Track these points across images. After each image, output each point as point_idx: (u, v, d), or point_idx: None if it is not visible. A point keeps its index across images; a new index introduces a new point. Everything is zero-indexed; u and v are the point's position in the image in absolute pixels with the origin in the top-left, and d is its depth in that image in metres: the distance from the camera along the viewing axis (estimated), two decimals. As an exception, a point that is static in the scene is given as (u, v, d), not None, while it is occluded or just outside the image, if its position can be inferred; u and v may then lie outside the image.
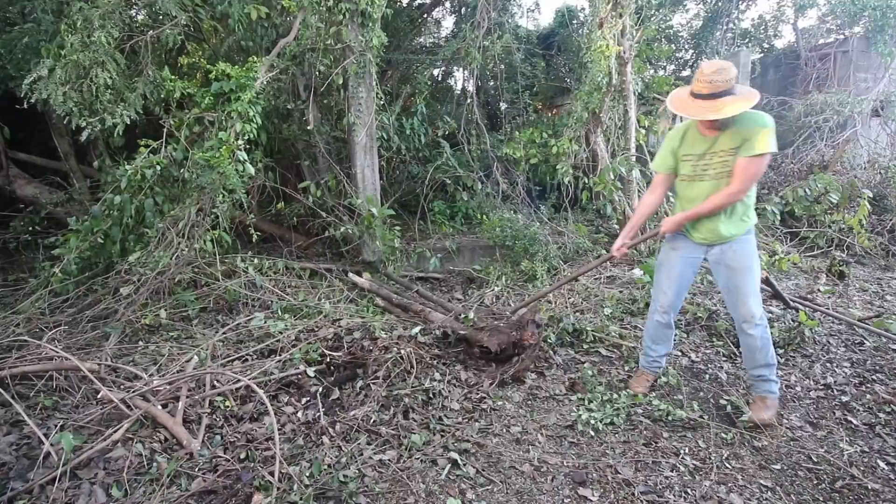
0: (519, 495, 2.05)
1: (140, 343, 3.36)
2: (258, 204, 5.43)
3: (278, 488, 1.99)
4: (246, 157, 3.93)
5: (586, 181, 6.03)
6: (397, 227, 5.19)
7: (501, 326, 3.16)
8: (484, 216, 6.18)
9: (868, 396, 2.79)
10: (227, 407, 2.58)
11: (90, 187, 5.32)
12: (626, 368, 3.15)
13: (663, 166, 2.66)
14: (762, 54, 9.69)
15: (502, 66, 7.83)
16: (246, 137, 4.06)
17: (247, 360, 3.05)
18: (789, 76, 8.94)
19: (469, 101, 7.06)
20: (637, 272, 4.61)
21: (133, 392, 2.59)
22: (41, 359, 2.86)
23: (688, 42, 10.29)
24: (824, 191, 5.76)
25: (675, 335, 3.15)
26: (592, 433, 2.48)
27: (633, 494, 2.03)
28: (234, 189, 3.84)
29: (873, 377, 2.99)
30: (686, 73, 10.46)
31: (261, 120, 4.30)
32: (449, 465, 2.22)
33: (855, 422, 2.58)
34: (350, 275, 4.59)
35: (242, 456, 2.24)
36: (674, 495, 2.03)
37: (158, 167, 3.91)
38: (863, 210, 5.40)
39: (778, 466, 2.22)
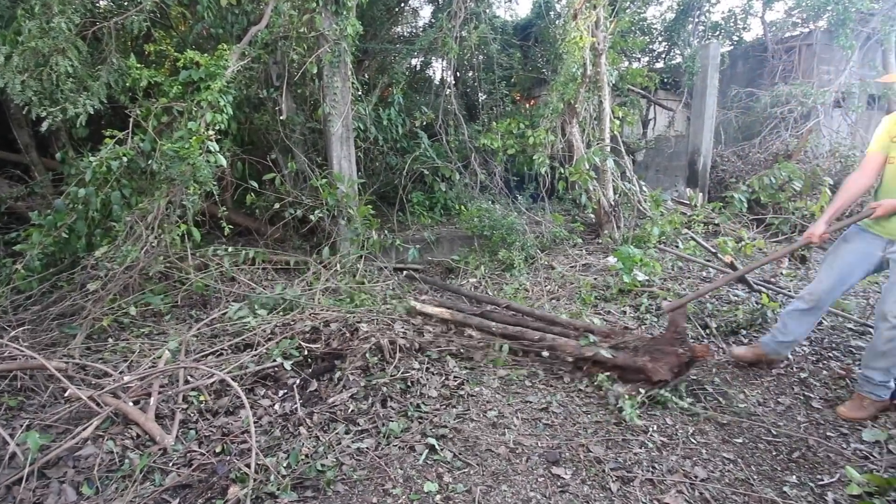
0: (494, 476, 2.10)
1: (109, 340, 3.27)
2: (232, 196, 5.33)
3: (255, 479, 1.99)
4: (217, 148, 3.84)
5: (562, 171, 6.10)
6: (375, 217, 5.17)
7: (663, 346, 2.70)
8: (462, 207, 6.21)
9: (825, 372, 2.93)
10: (202, 401, 2.55)
11: (53, 180, 5.12)
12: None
13: (878, 146, 2.53)
14: (732, 47, 9.91)
15: (480, 57, 7.83)
16: (216, 128, 3.97)
17: (221, 354, 3.02)
18: (757, 68, 9.19)
19: (447, 91, 7.04)
20: (611, 260, 4.71)
21: (102, 389, 2.53)
22: (4, 358, 2.76)
23: (661, 34, 10.44)
24: (788, 179, 5.97)
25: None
26: (566, 415, 2.54)
27: (604, 471, 2.10)
28: (204, 181, 3.75)
29: (829, 354, 3.14)
30: (659, 64, 10.63)
31: (232, 110, 4.20)
32: (426, 451, 2.25)
33: (812, 396, 2.71)
34: (413, 302, 3.65)
35: (218, 450, 2.23)
36: (642, 470, 2.11)
37: (125, 159, 3.79)
38: (824, 197, 5.62)
39: (740, 440, 2.33)
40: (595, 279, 4.51)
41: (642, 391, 2.60)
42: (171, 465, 2.15)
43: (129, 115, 4.10)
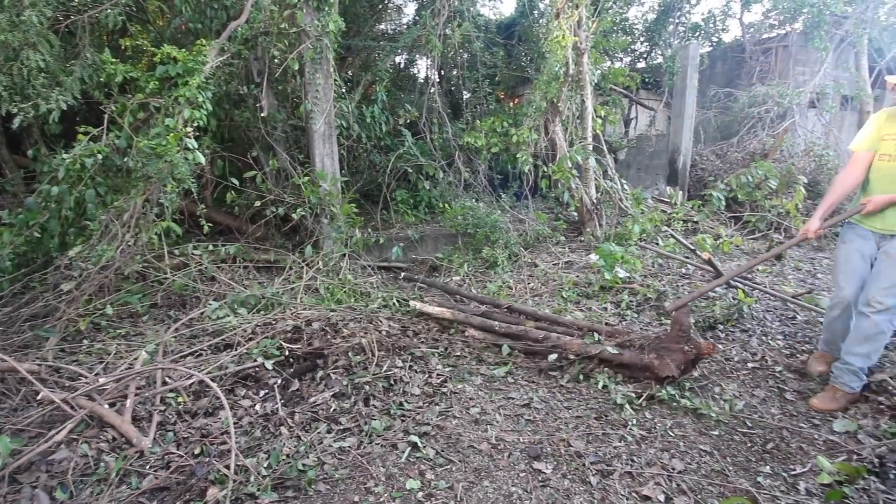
0: (476, 472, 2.11)
1: (85, 342, 3.20)
2: (212, 194, 5.24)
3: (234, 481, 1.96)
4: (195, 145, 3.77)
5: (545, 169, 6.15)
6: (358, 215, 5.14)
7: (669, 344, 2.72)
8: (446, 205, 6.22)
9: (799, 366, 3.01)
10: (180, 403, 2.51)
11: (24, 178, 4.97)
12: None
13: (866, 145, 2.59)
14: (711, 48, 10.10)
15: (465, 55, 7.83)
16: (195, 124, 3.90)
17: (201, 354, 2.97)
18: (735, 69, 9.38)
19: (431, 89, 7.03)
20: (593, 257, 4.77)
21: (77, 392, 2.48)
22: (-27, 360, 2.68)
23: (643, 34, 10.58)
24: (764, 177, 6.11)
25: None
26: (548, 410, 2.57)
27: (584, 465, 2.13)
28: (182, 178, 3.68)
29: (803, 348, 3.23)
30: (641, 64, 10.78)
31: (211, 106, 4.13)
32: (409, 449, 2.25)
33: (785, 389, 2.79)
34: (413, 302, 3.62)
35: (197, 451, 2.20)
36: (621, 463, 2.14)
37: (100, 156, 3.69)
38: (798, 195, 5.78)
39: (716, 432, 2.38)
40: (577, 276, 4.55)
41: (648, 389, 2.64)
42: (148, 467, 2.11)
43: (104, 111, 4.00)
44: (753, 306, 3.72)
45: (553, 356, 2.97)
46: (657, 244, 5.41)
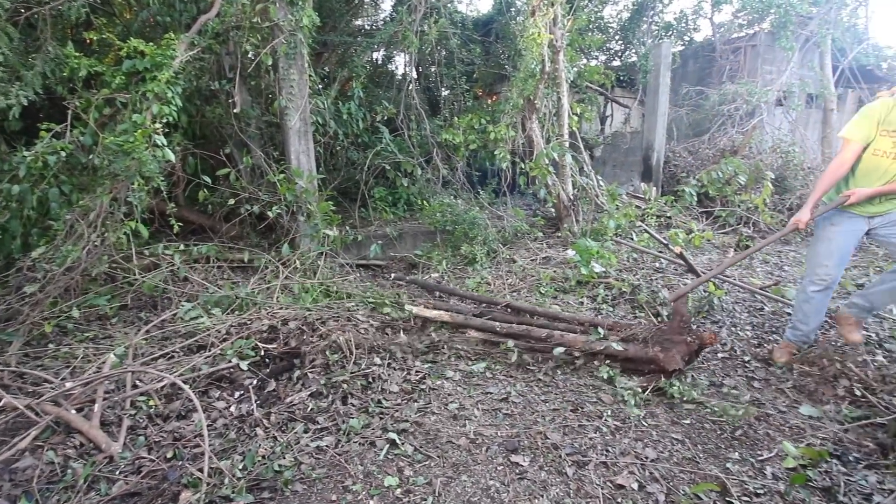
0: (455, 467, 2.13)
1: (50, 346, 3.09)
2: (183, 192, 5.11)
3: (208, 483, 1.93)
4: (165, 142, 3.67)
5: (523, 166, 6.20)
6: (336, 213, 5.09)
7: (672, 336, 2.74)
8: (425, 202, 6.21)
9: (765, 355, 3.12)
10: (152, 406, 2.45)
11: (-17, 177, 4.75)
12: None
13: (861, 136, 2.58)
14: (683, 46, 10.32)
15: (443, 52, 7.82)
16: (164, 120, 3.79)
17: (173, 356, 2.90)
18: (706, 67, 9.61)
19: (409, 86, 7.00)
20: (570, 253, 4.83)
21: (41, 398, 2.39)
22: (-72, 368, 2.56)
23: (617, 33, 10.75)
24: (734, 173, 6.29)
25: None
26: (525, 404, 2.60)
27: (561, 456, 2.17)
28: (151, 176, 3.58)
29: (770, 338, 3.35)
30: (616, 63, 10.94)
31: (181, 102, 4.03)
32: (387, 446, 2.25)
33: (754, 377, 2.89)
34: (409, 306, 3.51)
35: (169, 455, 2.15)
36: (596, 454, 2.19)
37: (63, 153, 3.56)
38: (766, 191, 5.97)
39: (688, 421, 2.45)
40: (555, 272, 4.61)
41: (653, 382, 2.67)
42: (118, 473, 2.06)
43: (68, 107, 3.86)
44: (723, 298, 3.83)
45: (560, 350, 2.95)
46: (632, 239, 5.52)
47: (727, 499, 1.93)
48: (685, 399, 2.62)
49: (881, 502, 1.91)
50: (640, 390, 2.66)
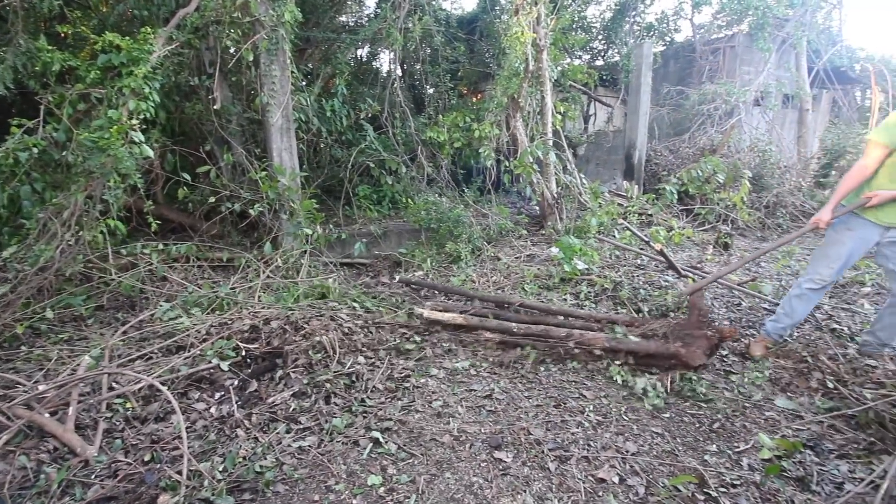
0: (438, 465, 2.13)
1: (23, 348, 3.00)
2: (162, 190, 5.01)
3: (187, 486, 1.90)
4: (142, 138, 3.59)
5: (507, 164, 6.22)
6: (319, 211, 5.04)
7: (692, 331, 2.72)
8: (409, 200, 6.19)
9: (742, 349, 3.19)
10: (128, 409, 2.40)
11: (-49, 174, 4.59)
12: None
13: (888, 140, 2.59)
14: (664, 47, 10.47)
15: (428, 50, 7.79)
16: (141, 116, 3.71)
17: (151, 358, 2.84)
18: (687, 68, 9.77)
19: (393, 83, 6.96)
20: (554, 250, 4.86)
21: (13, 401, 2.32)
22: None
23: (600, 33, 10.86)
24: (713, 172, 6.41)
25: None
26: (509, 400, 2.61)
27: (543, 452, 2.19)
28: (128, 173, 3.50)
29: (747, 332, 3.42)
30: (599, 62, 11.06)
31: (159, 97, 3.95)
32: (371, 445, 2.24)
33: (732, 371, 2.95)
34: (419, 309, 3.45)
35: (147, 458, 2.11)
36: (578, 448, 2.21)
37: (35, 149, 3.47)
38: (744, 189, 6.10)
39: (667, 415, 2.49)
40: (538, 269, 4.64)
41: (669, 376, 2.66)
42: (93, 477, 2.01)
43: (41, 102, 3.75)
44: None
45: (576, 350, 2.92)
46: (614, 236, 5.58)
47: (705, 490, 1.97)
48: (705, 398, 2.63)
49: (852, 490, 1.97)
50: (657, 385, 2.66)
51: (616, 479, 2.03)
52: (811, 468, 2.11)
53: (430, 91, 8.24)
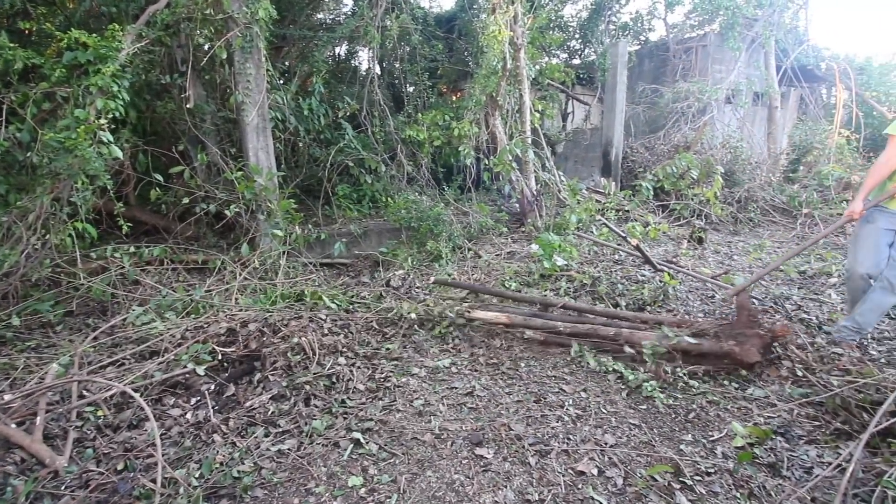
0: (420, 463, 2.13)
1: (-14, 356, 2.89)
2: (134, 191, 4.88)
3: (162, 494, 1.85)
4: (111, 139, 3.49)
5: (487, 162, 6.24)
6: (297, 211, 4.98)
7: (743, 330, 2.72)
8: (389, 199, 6.16)
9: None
10: (100, 417, 2.33)
11: None
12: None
13: None
14: (639, 46, 10.65)
15: (408, 48, 7.76)
16: (110, 116, 3.60)
17: (123, 364, 2.77)
18: (661, 66, 9.96)
19: (371, 81, 6.91)
20: (534, 247, 4.90)
21: (-24, 412, 2.24)
22: None
23: (577, 32, 10.98)
24: (687, 168, 6.56)
25: None
26: (489, 397, 2.63)
27: (524, 447, 2.21)
28: (96, 174, 3.39)
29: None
30: (576, 61, 11.18)
31: (128, 96, 3.84)
32: (351, 446, 2.22)
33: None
34: (464, 308, 3.41)
35: (120, 467, 2.05)
36: (558, 442, 2.24)
37: (-3, 150, 3.34)
38: (717, 184, 6.26)
39: (644, 406, 2.54)
40: (519, 266, 4.68)
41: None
42: (63, 488, 1.95)
43: (3, 101, 3.61)
44: (678, 287, 3.99)
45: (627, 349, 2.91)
46: (592, 233, 5.66)
47: (680, 479, 2.02)
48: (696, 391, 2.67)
49: (821, 475, 2.04)
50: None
51: (595, 472, 2.06)
52: (782, 454, 2.17)
53: (410, 89, 8.21)
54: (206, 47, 4.60)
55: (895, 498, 1.78)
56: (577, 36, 11.03)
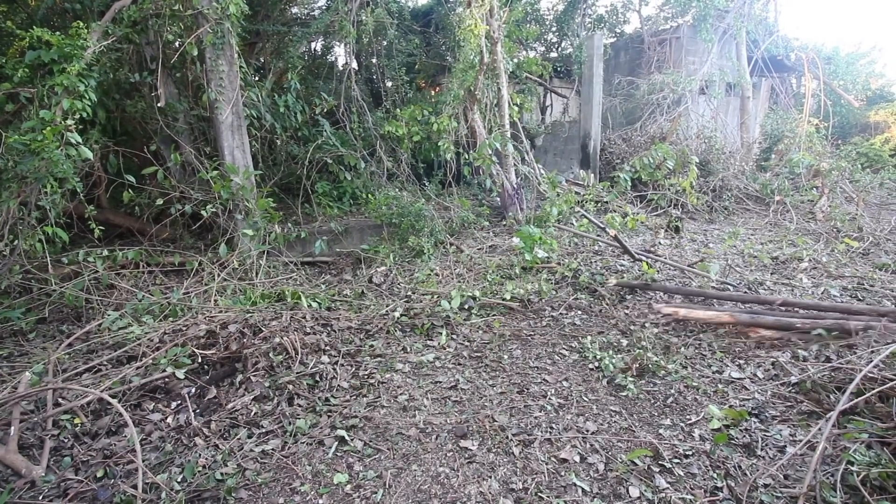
0: (405, 458, 2.14)
1: (-46, 368, 2.79)
2: (106, 193, 4.75)
3: (143, 500, 1.83)
4: (80, 140, 3.39)
5: (467, 157, 6.25)
6: (276, 210, 4.91)
7: None
8: (370, 195, 6.12)
9: (690, 327, 3.36)
10: (77, 424, 2.28)
11: None
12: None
13: None
14: (615, 38, 10.75)
15: (384, 43, 7.68)
16: (77, 116, 3.50)
17: (100, 370, 2.71)
18: (636, 58, 10.07)
19: (348, 77, 6.83)
20: (515, 240, 4.94)
21: (-55, 425, 2.17)
22: None
23: (553, 25, 11.02)
24: (663, 159, 6.67)
25: None
26: (473, 390, 2.65)
27: (508, 437, 2.24)
28: (65, 177, 3.30)
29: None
30: (553, 54, 11.23)
31: (96, 96, 3.73)
32: (336, 443, 2.22)
33: (681, 349, 3.10)
34: (666, 308, 3.40)
35: (99, 474, 2.02)
36: (541, 432, 2.28)
37: (-43, 155, 3.21)
38: (692, 174, 6.38)
39: (624, 394, 2.60)
40: (501, 259, 4.71)
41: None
42: (41, 498, 1.91)
43: (-39, 103, 3.48)
44: (656, 276, 4.07)
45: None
46: (572, 224, 5.72)
47: (660, 462, 2.08)
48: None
49: (793, 453, 2.12)
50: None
51: (577, 458, 2.11)
52: (756, 434, 2.25)
53: (388, 85, 8.14)
54: (176, 44, 4.49)
55: (858, 471, 1.86)
56: (553, 29, 11.07)
